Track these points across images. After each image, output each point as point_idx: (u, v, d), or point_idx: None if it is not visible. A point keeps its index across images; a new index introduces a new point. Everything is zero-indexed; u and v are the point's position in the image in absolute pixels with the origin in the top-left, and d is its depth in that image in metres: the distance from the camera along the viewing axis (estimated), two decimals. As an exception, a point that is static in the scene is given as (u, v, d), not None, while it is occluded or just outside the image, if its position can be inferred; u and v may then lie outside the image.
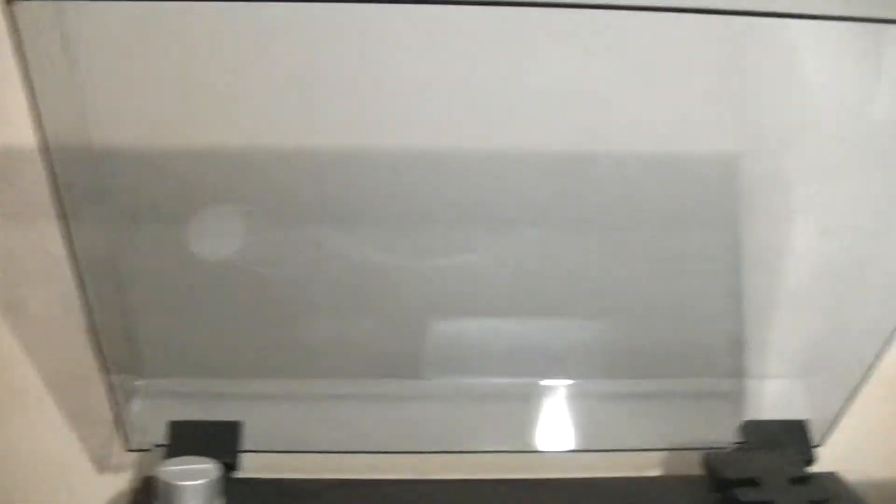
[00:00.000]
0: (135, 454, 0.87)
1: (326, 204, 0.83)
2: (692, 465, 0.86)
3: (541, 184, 0.84)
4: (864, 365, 0.84)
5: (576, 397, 0.90)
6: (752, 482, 0.80)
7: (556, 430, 0.90)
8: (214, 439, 0.81)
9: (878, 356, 0.83)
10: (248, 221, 0.82)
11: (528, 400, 0.90)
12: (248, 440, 0.83)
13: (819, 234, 0.86)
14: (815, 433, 0.87)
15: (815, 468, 0.86)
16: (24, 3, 0.63)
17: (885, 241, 0.84)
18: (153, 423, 0.83)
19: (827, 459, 0.88)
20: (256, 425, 0.85)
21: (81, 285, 0.77)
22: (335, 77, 0.78)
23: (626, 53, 0.80)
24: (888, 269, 0.84)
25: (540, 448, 0.89)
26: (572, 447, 0.90)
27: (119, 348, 0.82)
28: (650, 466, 0.92)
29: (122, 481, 0.89)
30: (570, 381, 0.90)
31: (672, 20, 0.76)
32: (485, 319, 0.88)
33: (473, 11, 0.75)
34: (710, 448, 0.85)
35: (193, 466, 0.77)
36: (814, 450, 0.87)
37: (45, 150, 0.71)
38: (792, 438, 0.86)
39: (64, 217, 0.74)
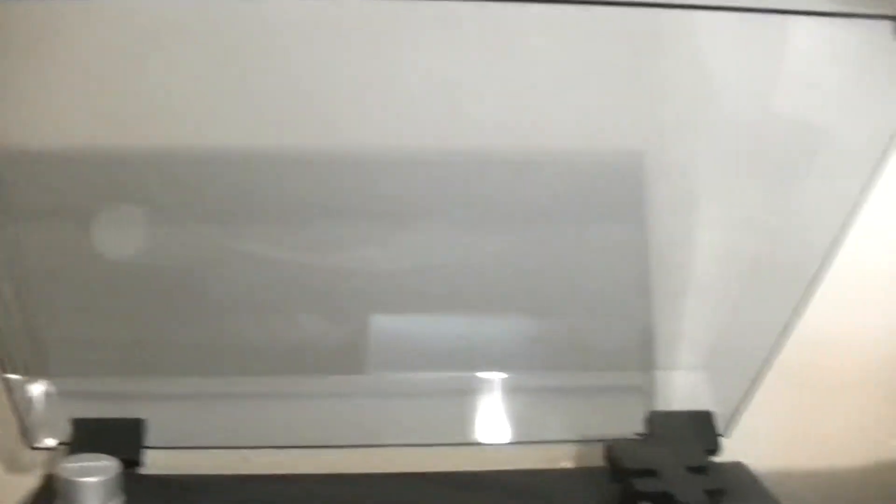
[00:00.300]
0: (46, 453, 0.87)
1: (234, 202, 0.83)
2: (604, 457, 0.87)
3: (450, 181, 0.85)
4: (764, 355, 0.85)
5: (487, 391, 0.91)
6: (650, 472, 0.80)
7: (468, 423, 0.91)
8: (117, 436, 0.81)
9: (775, 346, 0.84)
10: (154, 220, 0.83)
11: (438, 394, 0.90)
12: (170, 437, 0.84)
13: (722, 226, 0.87)
14: (720, 423, 0.88)
15: (723, 458, 0.88)
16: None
17: (785, 232, 0.85)
18: (59, 422, 0.83)
19: (737, 450, 0.89)
20: (171, 422, 0.85)
21: (-24, 284, 0.77)
22: (241, 74, 0.78)
23: (528, 49, 0.80)
24: (787, 260, 0.85)
25: (452, 441, 0.89)
26: (483, 440, 0.90)
27: (22, 347, 0.82)
28: (563, 458, 0.93)
29: (33, 480, 0.89)
30: (480, 374, 0.91)
31: (574, 13, 0.77)
32: (393, 316, 0.89)
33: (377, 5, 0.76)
34: (615, 439, 0.86)
35: (93, 463, 0.76)
36: (719, 440, 0.88)
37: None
38: (697, 429, 0.87)
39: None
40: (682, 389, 0.91)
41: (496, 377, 0.91)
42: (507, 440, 0.91)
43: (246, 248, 0.85)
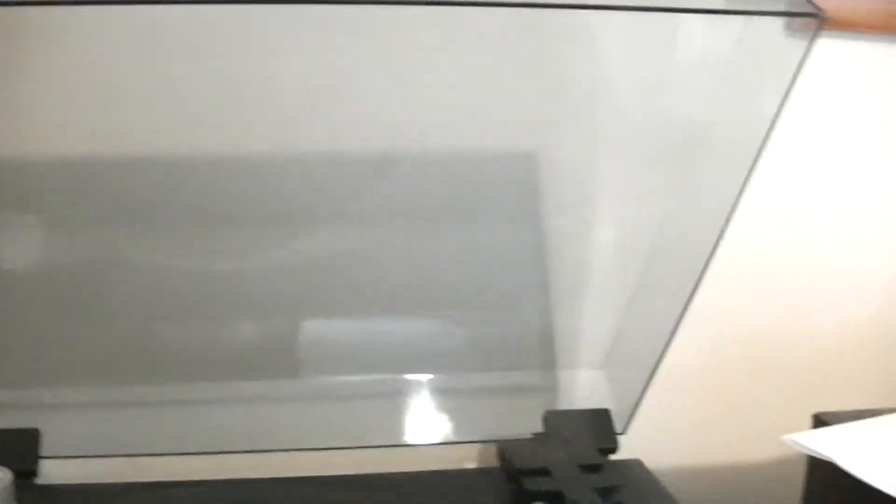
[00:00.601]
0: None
1: (132, 208, 0.84)
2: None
3: (346, 183, 0.86)
4: (659, 351, 0.86)
5: (390, 394, 0.92)
6: (543, 472, 0.81)
7: (371, 426, 0.91)
8: (12, 447, 0.81)
9: (668, 342, 0.85)
10: (48, 226, 0.83)
11: (341, 399, 0.91)
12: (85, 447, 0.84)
13: (615, 224, 0.89)
14: (618, 421, 0.89)
15: (624, 456, 0.89)
16: None
17: (674, 228, 0.86)
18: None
19: (639, 448, 0.90)
20: (81, 431, 0.85)
21: None
22: (127, 81, 0.78)
23: (424, 50, 0.81)
24: (678, 256, 0.86)
25: (349, 445, 0.90)
26: (387, 442, 0.91)
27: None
28: (467, 459, 0.93)
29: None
30: (384, 377, 0.91)
31: (468, 13, 0.78)
32: (283, 318, 0.89)
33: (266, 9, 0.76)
34: (507, 440, 0.86)
35: (-17, 475, 0.77)
36: (616, 437, 0.89)
37: None
38: (594, 427, 0.88)
39: None
40: (581, 388, 0.92)
41: (399, 380, 0.91)
42: (407, 442, 0.92)
43: (146, 255, 0.85)
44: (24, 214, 0.82)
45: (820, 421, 0.86)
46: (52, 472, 0.84)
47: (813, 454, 0.83)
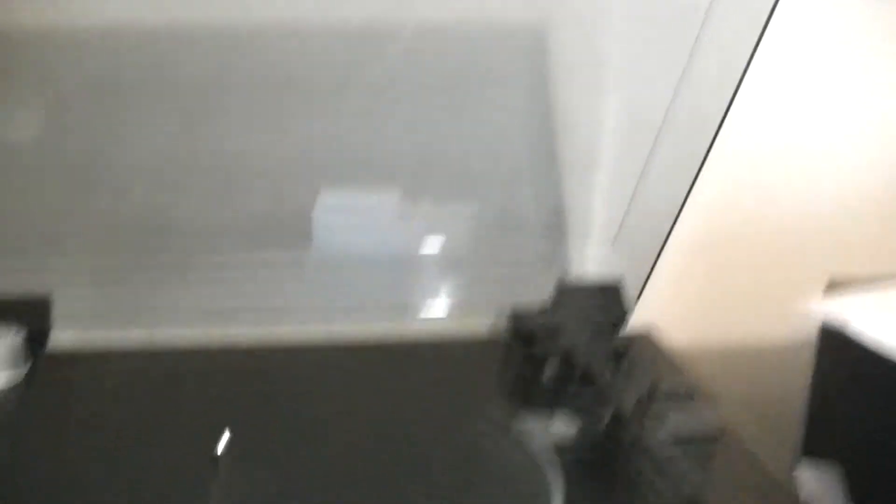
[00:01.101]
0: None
1: (135, 80, 0.83)
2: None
3: (354, 54, 0.85)
4: (668, 225, 0.86)
5: (401, 263, 0.92)
6: (554, 332, 0.81)
7: (383, 296, 0.91)
8: (24, 312, 0.82)
9: (678, 216, 0.84)
10: (55, 98, 0.82)
11: (348, 269, 0.91)
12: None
13: (627, 97, 0.88)
14: (629, 292, 0.89)
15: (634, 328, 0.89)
16: None
17: (684, 102, 0.85)
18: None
19: (650, 320, 0.91)
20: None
21: None
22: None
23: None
24: (690, 129, 0.85)
25: (359, 314, 0.90)
26: (399, 311, 0.91)
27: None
28: (481, 329, 0.92)
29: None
30: (396, 246, 0.91)
31: None
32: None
33: None
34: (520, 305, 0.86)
35: (-4, 330, 0.78)
36: (628, 308, 0.88)
37: None
38: (606, 297, 0.88)
39: None
40: (593, 260, 0.92)
41: (412, 250, 0.91)
42: (420, 311, 0.92)
43: (154, 126, 0.85)
44: (29, 85, 0.81)
45: (833, 285, 0.86)
46: (62, 339, 0.84)
47: (824, 322, 0.83)
